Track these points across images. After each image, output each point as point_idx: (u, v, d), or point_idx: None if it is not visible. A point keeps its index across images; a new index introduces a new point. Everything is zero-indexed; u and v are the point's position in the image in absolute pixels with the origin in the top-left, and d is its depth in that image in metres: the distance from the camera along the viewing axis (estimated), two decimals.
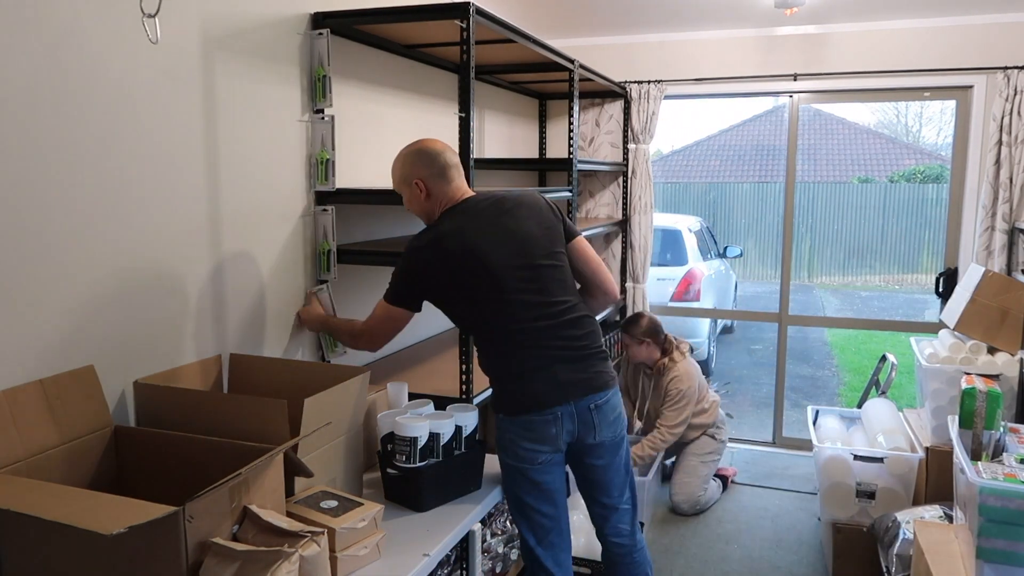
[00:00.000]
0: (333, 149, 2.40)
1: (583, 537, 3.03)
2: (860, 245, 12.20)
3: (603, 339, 2.15)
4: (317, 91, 2.38)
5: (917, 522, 2.24)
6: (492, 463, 2.33)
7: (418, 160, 2.02)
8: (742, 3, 3.64)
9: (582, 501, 2.20)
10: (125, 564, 1.29)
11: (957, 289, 3.20)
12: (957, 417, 2.22)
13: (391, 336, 2.10)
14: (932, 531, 2.22)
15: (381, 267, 2.80)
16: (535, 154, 4.52)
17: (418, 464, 1.96)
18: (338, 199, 2.44)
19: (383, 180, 2.87)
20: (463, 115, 2.22)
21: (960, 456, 1.92)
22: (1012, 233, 3.75)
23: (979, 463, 1.87)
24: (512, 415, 1.99)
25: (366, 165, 2.75)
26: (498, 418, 2.04)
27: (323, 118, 2.39)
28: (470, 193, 2.06)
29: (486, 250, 1.94)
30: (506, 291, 1.94)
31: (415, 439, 1.95)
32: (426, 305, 2.07)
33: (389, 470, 2.00)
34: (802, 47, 4.06)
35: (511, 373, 1.98)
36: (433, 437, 1.99)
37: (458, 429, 2.05)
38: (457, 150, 2.15)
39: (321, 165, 2.39)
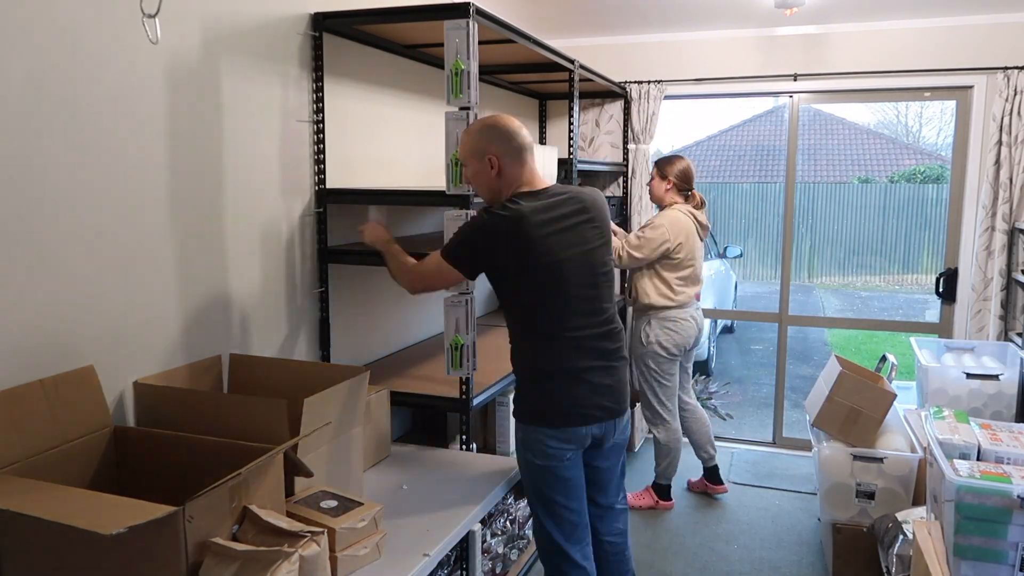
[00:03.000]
0: None
1: None
2: (860, 245, 12.20)
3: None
4: (454, 86, 2.15)
5: (917, 522, 2.23)
6: (494, 463, 2.33)
7: (496, 135, 1.97)
8: (742, 3, 3.64)
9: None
10: (125, 564, 1.28)
11: (819, 380, 3.22)
12: (931, 414, 2.24)
13: (432, 289, 2.09)
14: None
15: (380, 268, 2.81)
16: None
17: None
18: (337, 199, 2.45)
19: (383, 180, 2.87)
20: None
21: (936, 453, 1.93)
22: (1012, 233, 3.75)
23: (955, 460, 1.89)
24: (553, 426, 1.97)
25: (366, 165, 2.75)
26: (521, 424, 2.02)
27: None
28: (547, 182, 2.03)
29: (563, 247, 1.93)
30: (570, 294, 1.95)
31: None
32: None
33: None
34: (802, 47, 4.06)
35: (554, 376, 1.96)
36: None
37: None
38: None
39: (456, 167, 2.17)
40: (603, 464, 2.11)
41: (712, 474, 3.84)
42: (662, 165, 3.60)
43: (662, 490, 3.71)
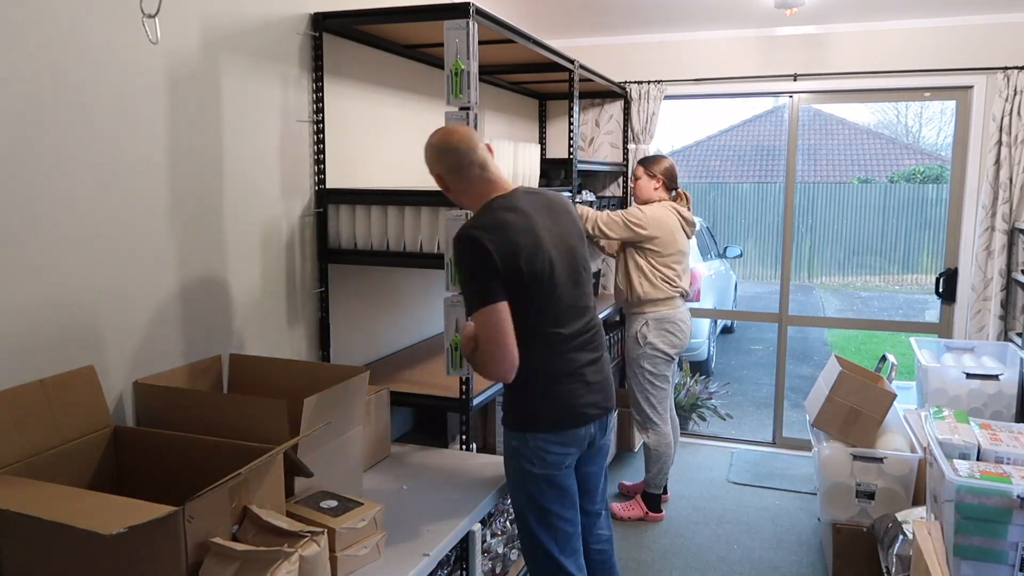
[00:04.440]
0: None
1: None
2: (860, 245, 12.21)
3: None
4: (454, 86, 2.12)
5: (916, 522, 2.23)
6: (494, 463, 2.33)
7: (436, 154, 1.93)
8: (742, 3, 3.64)
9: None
10: (125, 564, 1.29)
11: (818, 380, 3.23)
12: (931, 414, 2.24)
13: (507, 343, 1.80)
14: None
15: (379, 268, 2.81)
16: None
17: None
18: (337, 199, 2.44)
19: (383, 180, 2.87)
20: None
21: (936, 453, 1.93)
22: (1012, 233, 3.75)
23: (955, 460, 1.89)
24: (553, 430, 1.91)
25: (366, 165, 2.75)
26: (515, 432, 1.95)
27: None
28: (510, 185, 1.96)
29: (548, 248, 1.87)
30: (560, 295, 1.90)
31: None
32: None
33: None
34: (802, 47, 4.06)
35: (549, 377, 1.91)
36: None
37: None
38: None
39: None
40: (592, 468, 2.09)
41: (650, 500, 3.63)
42: (649, 164, 3.53)
43: (652, 500, 3.59)
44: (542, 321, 1.89)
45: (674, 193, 3.56)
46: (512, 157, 2.57)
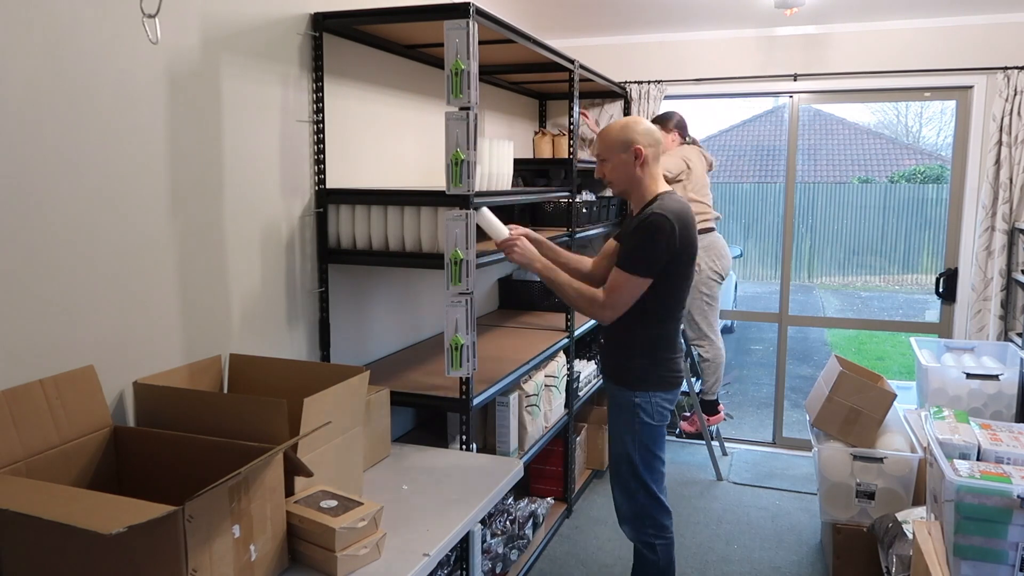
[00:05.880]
0: (469, 148, 2.15)
1: None
2: (860, 245, 12.20)
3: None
4: (454, 86, 2.13)
5: (916, 522, 2.23)
6: (494, 463, 2.33)
7: (646, 132, 2.25)
8: (742, 3, 3.64)
9: None
10: (125, 564, 1.28)
11: (818, 380, 3.27)
12: (931, 414, 2.24)
13: (627, 304, 2.24)
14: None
15: (379, 268, 2.81)
16: (535, 154, 4.51)
17: None
18: (337, 199, 2.44)
19: (383, 180, 2.87)
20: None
21: (936, 453, 1.93)
22: (1012, 233, 3.75)
23: (955, 460, 1.89)
24: (668, 389, 2.34)
25: (366, 165, 2.75)
26: (638, 391, 2.31)
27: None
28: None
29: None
30: (687, 286, 2.32)
31: None
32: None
33: None
34: (802, 47, 4.06)
35: (673, 348, 2.35)
36: None
37: None
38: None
39: (456, 167, 2.17)
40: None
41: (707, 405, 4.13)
42: (663, 122, 3.98)
43: (709, 406, 4.06)
44: (677, 304, 2.31)
45: (689, 139, 4.04)
46: (487, 154, 2.56)
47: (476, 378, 2.38)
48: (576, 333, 3.46)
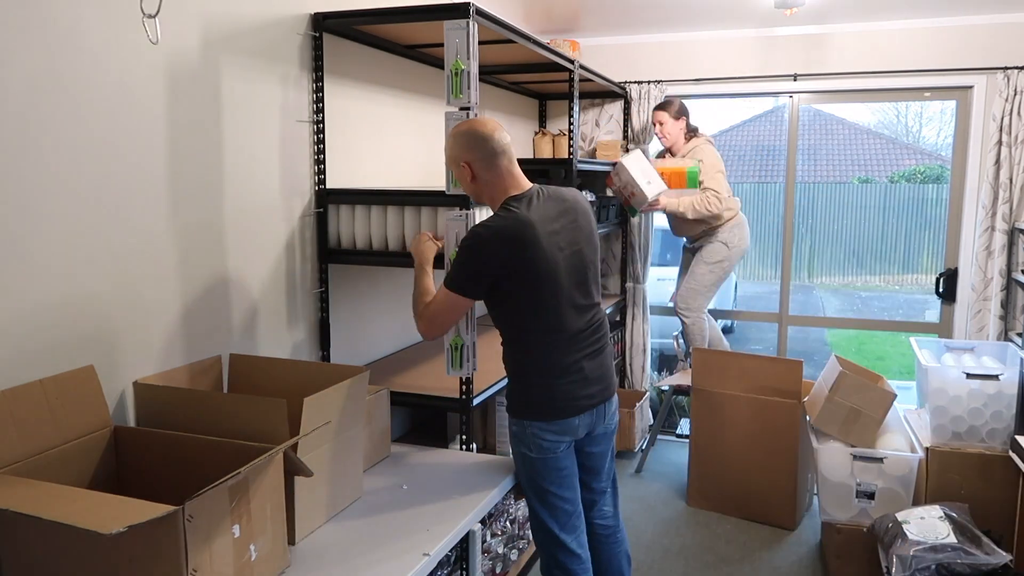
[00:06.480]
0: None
1: None
2: (860, 245, 12.18)
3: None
4: (454, 86, 2.14)
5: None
6: (494, 463, 2.33)
7: (467, 142, 1.97)
8: (742, 3, 3.64)
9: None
10: (125, 564, 1.28)
11: (818, 380, 3.26)
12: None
13: (448, 326, 2.05)
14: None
15: (379, 268, 2.81)
16: (535, 154, 4.52)
17: None
18: (337, 199, 2.44)
19: (383, 180, 2.87)
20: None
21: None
22: (1012, 233, 3.75)
23: None
24: (547, 419, 2.01)
25: (366, 165, 2.75)
26: (514, 419, 2.07)
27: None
28: (529, 184, 2.02)
29: (557, 249, 1.95)
30: (563, 294, 1.97)
31: None
32: None
33: None
34: (802, 47, 4.06)
35: (547, 372, 2.00)
36: None
37: None
38: None
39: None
40: (595, 449, 2.17)
41: None
42: (669, 108, 3.89)
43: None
44: (542, 320, 1.97)
45: (696, 128, 3.96)
46: None
47: (476, 378, 2.38)
48: None
